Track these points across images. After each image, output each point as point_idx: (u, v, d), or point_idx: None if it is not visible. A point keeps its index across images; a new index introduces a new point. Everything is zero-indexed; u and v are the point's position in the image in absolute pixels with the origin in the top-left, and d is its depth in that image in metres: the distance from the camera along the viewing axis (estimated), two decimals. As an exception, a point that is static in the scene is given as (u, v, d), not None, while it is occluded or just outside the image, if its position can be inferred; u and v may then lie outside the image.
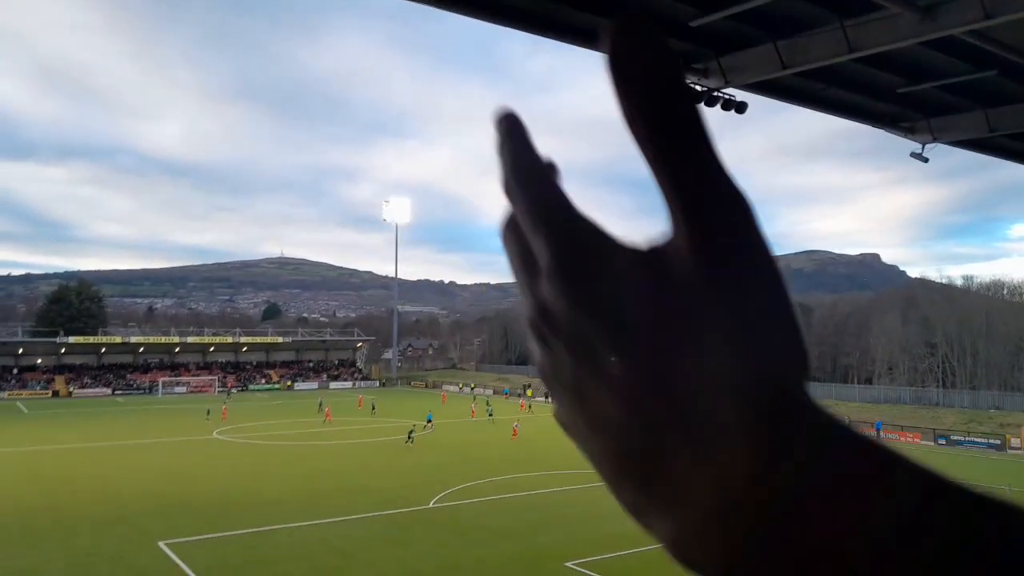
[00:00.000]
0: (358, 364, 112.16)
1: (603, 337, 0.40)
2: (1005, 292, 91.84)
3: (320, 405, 65.59)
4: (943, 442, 51.28)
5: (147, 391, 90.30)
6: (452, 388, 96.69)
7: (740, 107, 9.20)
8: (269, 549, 23.34)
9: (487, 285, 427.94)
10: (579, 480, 34.73)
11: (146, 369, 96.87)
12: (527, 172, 0.45)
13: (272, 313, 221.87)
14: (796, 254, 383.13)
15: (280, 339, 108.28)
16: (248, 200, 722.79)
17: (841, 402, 69.59)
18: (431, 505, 29.62)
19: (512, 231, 0.48)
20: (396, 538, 24.79)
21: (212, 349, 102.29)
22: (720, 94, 8.89)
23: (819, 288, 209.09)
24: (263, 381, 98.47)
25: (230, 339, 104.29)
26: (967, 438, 51.40)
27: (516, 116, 0.46)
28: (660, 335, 0.39)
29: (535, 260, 0.45)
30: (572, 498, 31.26)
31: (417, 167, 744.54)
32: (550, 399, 0.44)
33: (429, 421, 54.05)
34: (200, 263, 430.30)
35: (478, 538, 24.74)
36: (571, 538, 24.56)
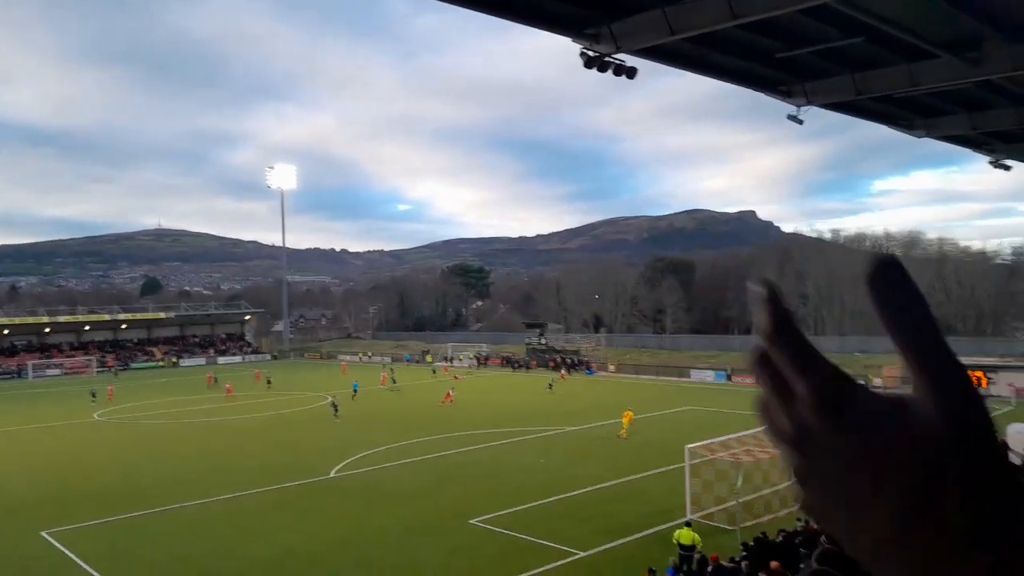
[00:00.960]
0: (247, 337, 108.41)
1: (862, 454, 0.59)
2: (868, 243, 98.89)
3: (215, 380, 62.99)
4: (815, 385, 55.32)
5: (15, 375, 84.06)
6: (349, 358, 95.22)
7: (631, 72, 9.45)
8: (164, 529, 22.55)
9: (380, 252, 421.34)
10: (480, 440, 35.35)
11: (12, 352, 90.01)
12: (787, 321, 0.62)
13: (151, 288, 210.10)
14: (679, 213, 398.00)
15: (162, 314, 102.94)
16: (122, 170, 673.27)
17: (724, 352, 73.54)
18: (332, 475, 29.37)
19: (766, 364, 0.64)
20: (297, 509, 24.49)
21: (87, 328, 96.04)
22: (611, 59, 9.09)
23: (701, 245, 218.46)
24: (146, 359, 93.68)
25: (107, 316, 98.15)
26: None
27: (776, 288, 0.62)
28: (915, 461, 0.56)
29: (791, 388, 0.62)
30: (473, 458, 31.81)
31: (302, 132, 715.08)
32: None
33: (355, 391, 53.07)
34: (68, 237, 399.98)
35: (381, 504, 24.81)
36: (473, 497, 25.04)
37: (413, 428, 39.10)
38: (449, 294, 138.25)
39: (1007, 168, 15.35)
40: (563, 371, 66.32)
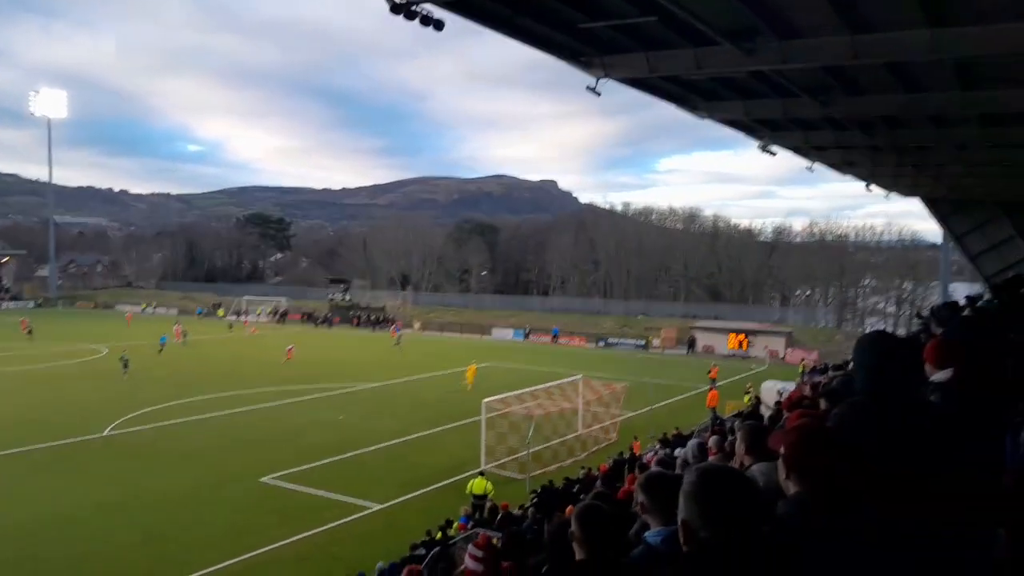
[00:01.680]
0: (4, 282, 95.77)
1: None
2: (654, 217, 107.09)
3: (29, 330, 54.53)
4: (602, 344, 59.37)
5: None
6: (131, 308, 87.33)
7: (438, 24, 9.38)
8: None
9: (167, 195, 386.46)
10: (276, 397, 34.18)
11: None
12: None
13: None
14: (486, 178, 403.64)
15: None
16: None
17: (523, 312, 76.60)
18: (106, 433, 27.03)
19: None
20: (64, 470, 22.33)
21: None
22: (418, 9, 8.99)
23: (506, 211, 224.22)
24: None
25: None
26: (620, 340, 60.04)
27: None
28: None
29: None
30: (267, 415, 30.74)
31: (73, 54, 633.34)
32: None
33: (163, 344, 48.99)
34: None
35: (163, 464, 23.30)
36: (266, 455, 24.26)
37: (204, 384, 36.89)
38: (245, 245, 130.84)
39: (773, 154, 17.20)
40: (395, 330, 64.06)
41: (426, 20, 10.53)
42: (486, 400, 23.91)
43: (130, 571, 15.49)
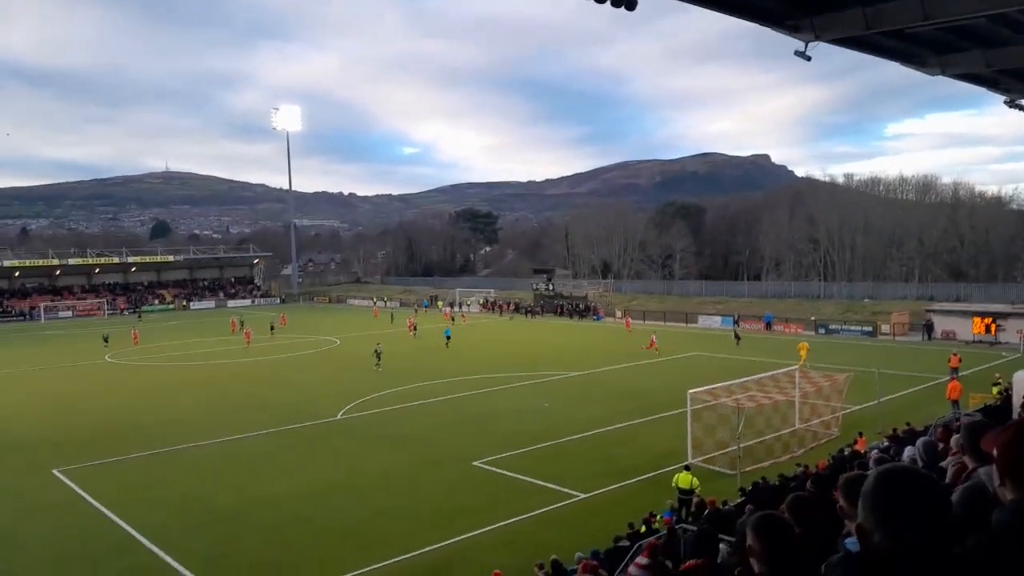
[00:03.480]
0: (256, 281, 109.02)
1: None
2: (881, 188, 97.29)
3: (242, 324, 60.29)
4: (823, 331, 55.19)
5: (27, 317, 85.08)
6: (358, 302, 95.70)
7: (630, 4, 9.05)
8: (172, 469, 22.98)
9: (388, 196, 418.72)
10: (487, 384, 35.61)
11: (24, 294, 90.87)
12: None
13: (161, 231, 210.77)
14: (692, 157, 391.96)
15: (171, 258, 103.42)
16: (122, 111, 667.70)
17: (732, 299, 73.37)
18: (339, 417, 29.74)
19: None
20: (304, 450, 24.86)
21: (97, 271, 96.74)
22: (608, -12, 8.70)
23: (714, 190, 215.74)
24: (156, 302, 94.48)
25: (117, 259, 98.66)
26: (844, 327, 55.45)
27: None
28: None
29: None
30: (479, 402, 32.10)
31: (305, 73, 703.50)
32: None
33: (448, 337, 50.17)
34: (77, 180, 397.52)
35: (384, 446, 25.13)
36: (477, 439, 25.31)
37: (422, 372, 39.41)
38: (457, 239, 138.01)
39: (1023, 109, 14.85)
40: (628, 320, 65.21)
41: (618, 0, 10.22)
42: (692, 391, 23.09)
43: (364, 541, 16.85)
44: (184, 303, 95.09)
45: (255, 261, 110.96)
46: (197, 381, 39.37)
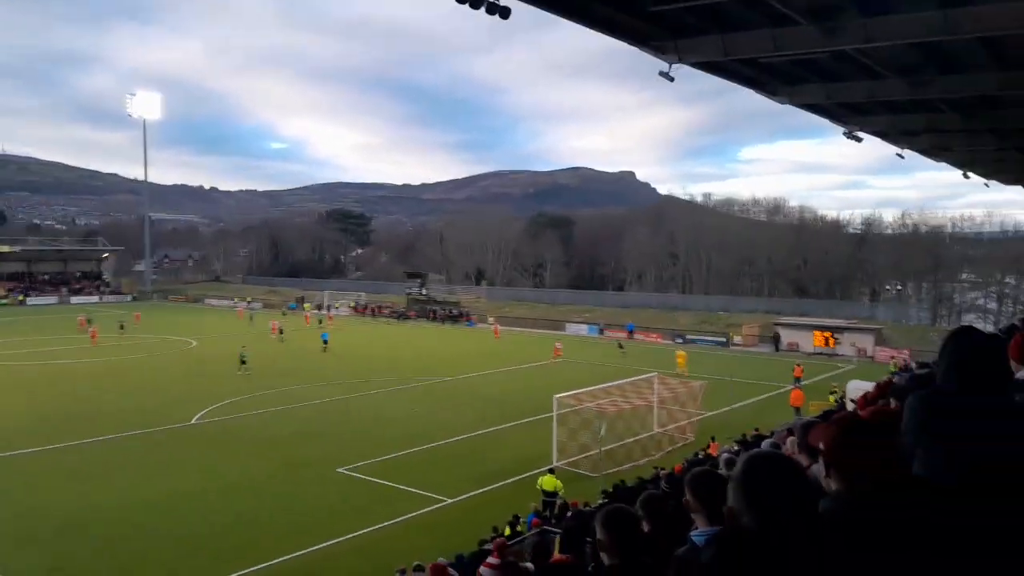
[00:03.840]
0: (105, 276, 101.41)
1: None
2: (736, 208, 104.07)
3: (89, 322, 56.03)
4: (680, 340, 58.13)
5: None
6: (216, 302, 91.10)
7: (504, 12, 9.22)
8: (12, 478, 20.94)
9: (253, 192, 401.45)
10: (354, 389, 34.89)
11: None
12: None
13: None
14: (564, 170, 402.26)
15: (6, 248, 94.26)
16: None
17: (597, 307, 75.87)
18: (193, 422, 28.17)
19: None
20: (153, 457, 23.35)
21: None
22: (485, -4, 8.83)
23: (583, 203, 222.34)
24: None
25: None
26: (700, 336, 58.67)
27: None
28: None
29: None
30: (345, 407, 31.39)
31: (165, 58, 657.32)
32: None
33: (325, 341, 48.68)
34: None
35: (246, 451, 24.08)
36: (343, 445, 24.75)
37: (289, 376, 38.03)
38: (327, 240, 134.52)
39: (859, 140, 16.31)
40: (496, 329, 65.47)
41: (492, 8, 10.35)
42: (557, 396, 23.67)
43: (221, 551, 16.05)
44: (20, 298, 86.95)
45: (104, 255, 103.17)
46: (33, 382, 36.07)
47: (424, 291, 78.74)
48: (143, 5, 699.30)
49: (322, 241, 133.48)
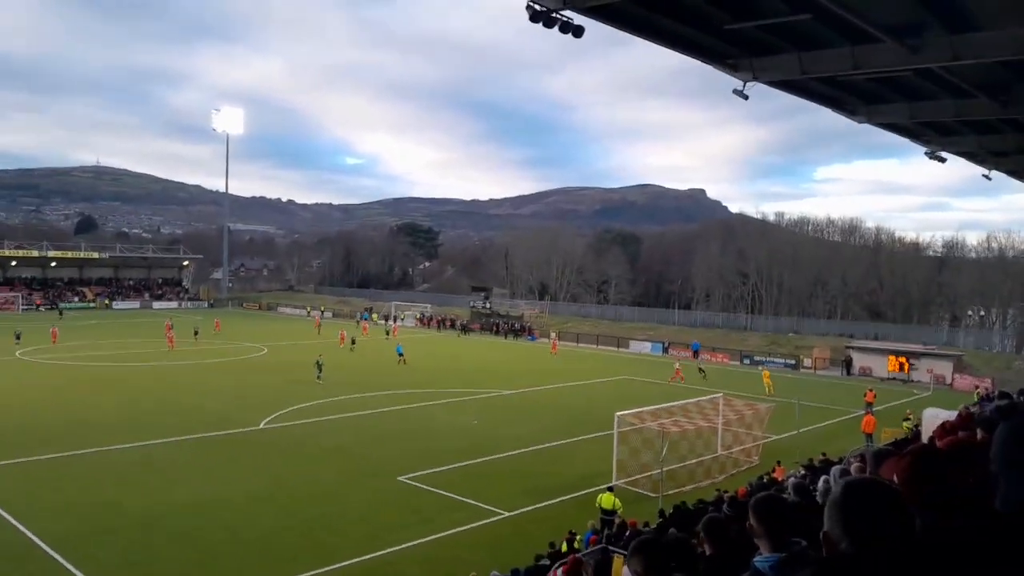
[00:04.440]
0: (184, 283, 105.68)
1: None
2: (809, 228, 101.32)
3: (172, 327, 56.11)
4: (748, 362, 56.80)
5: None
6: (288, 311, 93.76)
7: (577, 31, 9.29)
8: (81, 473, 21.98)
9: (329, 205, 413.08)
10: (417, 399, 35.33)
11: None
12: None
13: (87, 226, 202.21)
14: (631, 187, 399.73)
15: (95, 254, 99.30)
16: (53, 100, 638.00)
17: (662, 325, 74.85)
18: (261, 426, 29.01)
19: None
20: (223, 458, 24.13)
21: (14, 263, 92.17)
22: (559, 16, 8.92)
23: (651, 221, 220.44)
24: (76, 299, 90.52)
25: (36, 253, 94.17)
26: (768, 358, 57.19)
27: None
28: None
29: None
30: (408, 416, 31.81)
31: (248, 75, 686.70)
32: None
33: (400, 354, 48.51)
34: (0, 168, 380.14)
35: (309, 457, 24.64)
36: (404, 454, 25.06)
37: (357, 384, 38.81)
38: (397, 252, 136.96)
39: (942, 160, 15.74)
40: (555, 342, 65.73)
41: (566, 27, 10.45)
42: (619, 413, 23.44)
43: (285, 553, 16.45)
44: (106, 302, 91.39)
45: (185, 263, 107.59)
46: (114, 382, 37.84)
47: (488, 304, 79.23)
48: (228, 25, 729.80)
49: (392, 254, 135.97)
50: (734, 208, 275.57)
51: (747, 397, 32.23)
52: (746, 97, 11.31)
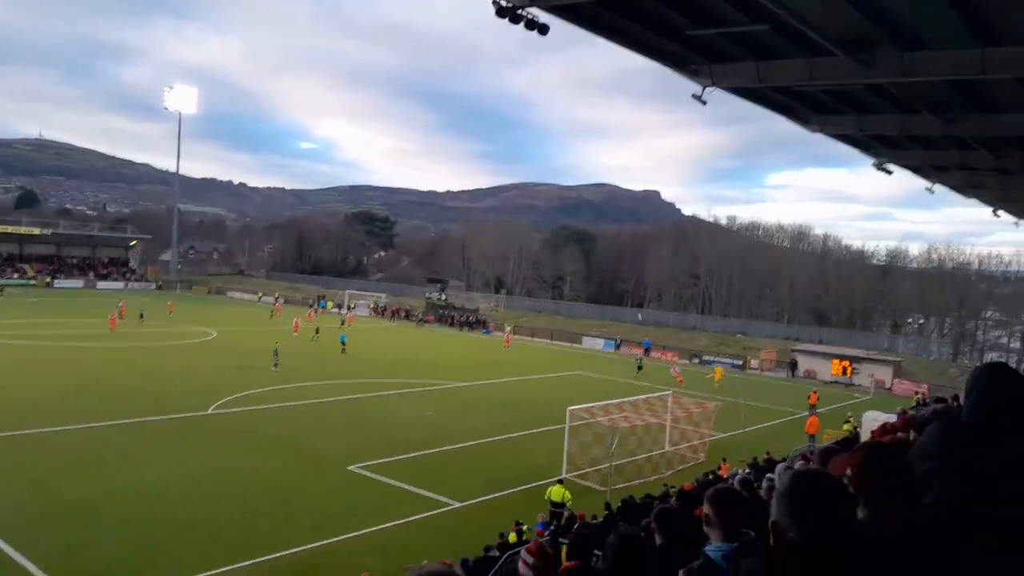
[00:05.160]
0: (131, 264, 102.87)
1: None
2: (760, 233, 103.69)
3: (140, 314, 55.97)
4: (697, 361, 57.94)
5: None
6: (238, 295, 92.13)
7: (543, 28, 9.41)
8: (17, 455, 21.37)
9: (282, 190, 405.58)
10: (370, 389, 35.17)
11: None
12: None
13: (28, 201, 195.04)
14: (588, 185, 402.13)
15: (37, 230, 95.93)
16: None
17: (615, 323, 75.79)
18: (209, 411, 28.56)
19: None
20: (168, 443, 23.70)
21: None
22: (524, 12, 9.04)
23: (606, 219, 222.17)
24: (16, 276, 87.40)
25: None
26: (716, 358, 58.42)
27: None
28: None
29: None
30: (360, 406, 31.67)
31: (203, 54, 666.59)
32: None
33: (343, 343, 47.01)
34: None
35: (259, 444, 24.37)
36: (356, 444, 24.98)
37: (307, 373, 38.40)
38: (351, 240, 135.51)
39: (889, 172, 16.33)
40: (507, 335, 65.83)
41: (531, 24, 10.58)
42: (571, 408, 23.76)
43: (229, 541, 16.27)
44: (48, 280, 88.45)
45: (132, 243, 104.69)
46: (55, 364, 36.74)
47: (444, 296, 79.12)
48: (185, 0, 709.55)
49: (346, 242, 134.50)
50: (687, 211, 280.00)
51: (696, 396, 32.92)
52: (704, 102, 11.58)
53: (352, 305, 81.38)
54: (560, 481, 19.55)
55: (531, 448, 26.17)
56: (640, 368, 48.65)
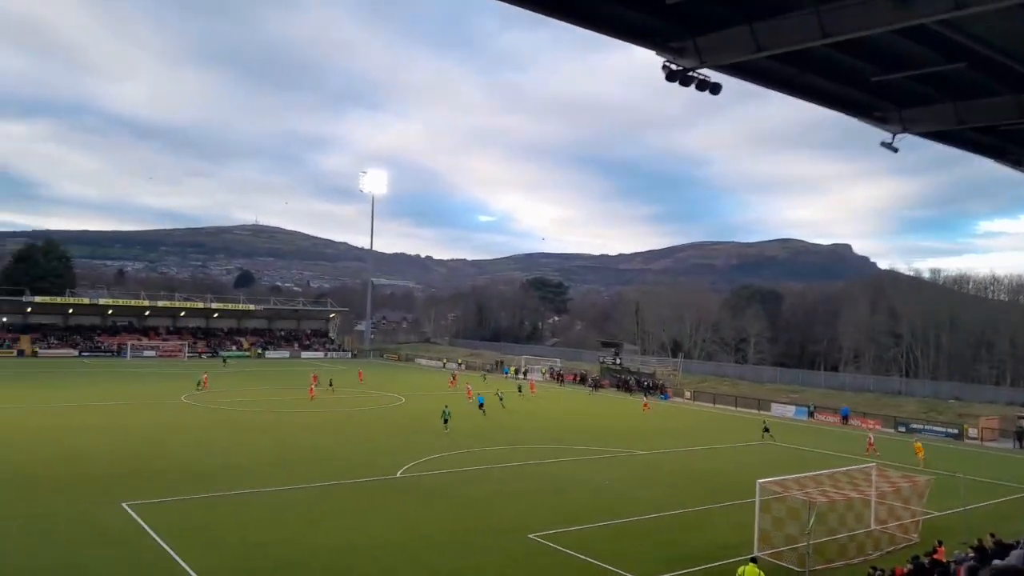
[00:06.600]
0: (330, 334, 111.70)
1: None
2: (971, 286, 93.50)
3: (330, 382, 60.32)
4: (903, 429, 52.49)
5: (115, 353, 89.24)
6: (425, 362, 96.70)
7: (715, 88, 9.27)
8: (236, 512, 23.39)
9: (463, 261, 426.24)
10: (548, 455, 35.17)
11: (114, 331, 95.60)
12: None
13: (245, 280, 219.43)
14: (770, 242, 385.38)
15: (252, 307, 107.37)
16: (219, 166, 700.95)
17: (808, 388, 70.82)
18: (398, 475, 29.81)
19: None
20: (361, 505, 24.92)
21: (183, 314, 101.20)
22: (695, 74, 8.95)
23: (792, 276, 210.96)
24: (233, 348, 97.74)
25: (201, 304, 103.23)
26: (926, 426, 52.61)
27: None
28: None
29: None
30: (540, 472, 31.68)
31: (390, 139, 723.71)
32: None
33: (481, 404, 49.32)
34: (172, 227, 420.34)
35: (443, 508, 24.97)
36: (535, 510, 24.90)
37: (486, 437, 39.27)
38: (527, 307, 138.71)
39: None
40: (645, 397, 65.06)
41: (702, 85, 10.45)
42: (761, 481, 22.23)
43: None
44: (259, 351, 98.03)
45: (331, 315, 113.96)
46: (263, 428, 40.30)
47: (618, 360, 78.21)
48: (373, 93, 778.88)
49: (522, 308, 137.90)
50: (883, 264, 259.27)
51: (902, 468, 29.73)
52: (895, 150, 10.83)
53: (526, 370, 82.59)
54: (754, 560, 18.19)
55: (714, 522, 24.71)
56: (767, 431, 44.62)
